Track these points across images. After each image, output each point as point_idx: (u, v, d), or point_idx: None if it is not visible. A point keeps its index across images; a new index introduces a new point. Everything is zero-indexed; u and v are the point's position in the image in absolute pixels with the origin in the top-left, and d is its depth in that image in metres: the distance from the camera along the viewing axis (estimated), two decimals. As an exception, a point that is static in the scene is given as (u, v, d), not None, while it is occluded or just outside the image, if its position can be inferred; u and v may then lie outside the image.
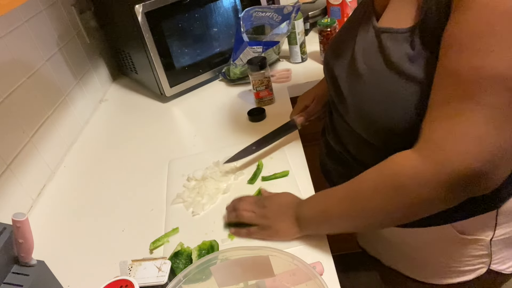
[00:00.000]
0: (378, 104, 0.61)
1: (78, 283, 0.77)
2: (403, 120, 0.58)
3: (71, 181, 1.09)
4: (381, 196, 0.58)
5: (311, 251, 0.71)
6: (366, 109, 0.63)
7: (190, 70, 1.34)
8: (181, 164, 1.02)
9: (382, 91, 0.60)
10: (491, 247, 0.69)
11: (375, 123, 0.62)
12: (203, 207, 0.86)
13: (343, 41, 0.73)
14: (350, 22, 0.76)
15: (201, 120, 1.21)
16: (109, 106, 1.43)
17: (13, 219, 0.56)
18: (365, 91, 0.63)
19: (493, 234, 0.68)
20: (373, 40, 0.63)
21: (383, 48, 0.60)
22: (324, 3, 1.49)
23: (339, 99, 0.71)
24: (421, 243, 0.73)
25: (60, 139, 1.17)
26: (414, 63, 0.56)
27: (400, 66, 0.57)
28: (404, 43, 0.57)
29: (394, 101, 0.58)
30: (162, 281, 0.65)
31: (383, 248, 0.84)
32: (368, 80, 0.62)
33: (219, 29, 1.36)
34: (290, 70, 1.33)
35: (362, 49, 0.65)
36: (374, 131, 0.64)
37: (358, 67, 0.64)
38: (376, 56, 0.61)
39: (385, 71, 0.59)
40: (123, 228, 0.88)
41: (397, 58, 0.57)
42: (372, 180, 0.59)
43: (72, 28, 1.35)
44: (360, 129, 0.67)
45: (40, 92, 1.11)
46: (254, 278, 0.61)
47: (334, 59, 0.74)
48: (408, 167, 0.54)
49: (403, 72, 0.57)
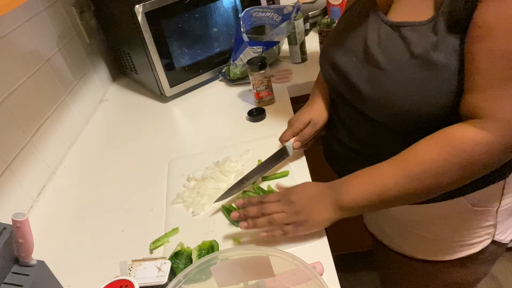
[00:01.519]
0: (407, 94, 0.62)
1: (78, 283, 0.77)
2: (434, 106, 0.61)
3: (71, 181, 1.09)
4: (449, 175, 0.60)
5: (311, 251, 0.71)
6: (393, 99, 0.64)
7: (190, 70, 1.34)
8: (181, 164, 1.02)
9: (410, 82, 0.62)
10: (497, 217, 0.73)
11: (404, 112, 0.64)
12: (203, 207, 0.86)
13: (348, 37, 0.74)
14: (348, 19, 0.76)
15: (201, 120, 1.21)
16: (109, 106, 1.43)
17: (13, 219, 0.56)
18: (390, 83, 0.64)
19: (499, 204, 0.72)
20: (391, 34, 0.64)
21: (406, 40, 0.62)
22: (324, 3, 1.49)
23: (352, 93, 0.72)
24: (433, 219, 0.75)
25: (60, 139, 1.17)
26: (441, 51, 0.59)
27: (427, 55, 0.60)
28: (428, 33, 0.59)
29: (425, 90, 0.61)
30: (162, 281, 0.65)
31: (392, 229, 0.84)
32: (392, 72, 0.64)
33: (219, 29, 1.36)
34: (290, 70, 1.33)
35: (377, 43, 0.66)
36: (402, 120, 0.65)
37: (378, 61, 0.65)
38: (398, 49, 0.63)
39: (410, 62, 0.61)
40: (123, 228, 0.88)
41: (422, 48, 0.60)
42: (438, 160, 0.60)
43: (72, 28, 1.35)
44: (383, 118, 0.68)
45: (40, 92, 1.11)
46: (254, 278, 0.61)
47: (339, 55, 0.75)
48: (484, 146, 0.57)
49: (431, 61, 0.59)
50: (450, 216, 0.74)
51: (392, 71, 0.64)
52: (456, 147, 0.58)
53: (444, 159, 0.59)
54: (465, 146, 0.57)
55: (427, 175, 0.61)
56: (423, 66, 0.60)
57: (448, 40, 0.58)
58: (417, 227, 0.78)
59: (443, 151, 0.59)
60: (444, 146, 0.59)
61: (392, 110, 0.65)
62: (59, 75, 1.22)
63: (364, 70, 0.69)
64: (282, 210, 0.70)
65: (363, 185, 0.66)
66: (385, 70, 0.64)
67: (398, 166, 0.63)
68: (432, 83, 0.60)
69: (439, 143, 0.60)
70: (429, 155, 0.60)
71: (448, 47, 0.58)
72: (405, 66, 0.62)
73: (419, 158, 0.61)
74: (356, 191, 0.66)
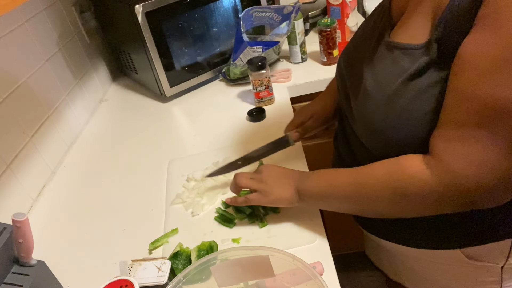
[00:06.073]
0: (389, 120, 0.60)
1: (78, 283, 0.77)
2: (412, 135, 0.58)
3: (71, 181, 1.09)
4: (387, 197, 0.60)
5: (311, 251, 0.71)
6: (371, 120, 0.62)
7: (190, 70, 1.34)
8: (180, 164, 1.02)
9: (394, 108, 0.58)
10: (502, 274, 0.68)
11: (383, 138, 0.62)
12: (203, 208, 0.86)
13: (357, 48, 0.72)
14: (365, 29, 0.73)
15: (201, 120, 1.21)
16: (109, 106, 1.43)
17: (13, 219, 0.56)
18: (373, 107, 0.61)
19: (506, 261, 0.67)
20: (384, 54, 0.61)
21: (395, 64, 0.58)
22: (324, 3, 1.49)
23: (350, 112, 0.70)
24: (427, 262, 0.73)
25: (60, 139, 1.17)
26: (425, 79, 0.55)
27: (409, 82, 0.56)
28: (418, 59, 0.55)
29: (408, 117, 0.57)
30: (162, 281, 0.65)
31: (388, 260, 0.84)
32: (376, 97, 0.61)
33: (219, 29, 1.36)
34: (290, 70, 1.33)
35: (371, 62, 0.63)
36: (382, 146, 0.63)
37: (366, 83, 0.63)
38: (385, 71, 0.60)
39: (394, 86, 0.58)
40: (123, 228, 0.88)
41: (408, 74, 0.56)
42: (381, 180, 0.60)
43: (72, 28, 1.34)
44: (367, 143, 0.67)
45: (40, 92, 1.11)
46: (254, 278, 0.61)
47: (347, 70, 0.73)
48: (418, 180, 0.56)
49: (412, 89, 0.56)
50: (444, 263, 0.71)
51: (375, 95, 0.61)
52: (397, 173, 0.58)
53: (384, 180, 0.60)
54: (404, 176, 0.57)
55: (365, 187, 0.62)
56: (404, 91, 0.57)
57: (434, 68, 0.54)
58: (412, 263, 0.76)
59: (387, 173, 0.60)
60: (390, 169, 0.59)
61: (371, 131, 0.64)
62: (59, 75, 1.22)
63: (357, 91, 0.67)
64: (251, 177, 0.76)
65: (320, 179, 0.70)
66: (369, 90, 0.62)
67: (352, 173, 0.66)
68: (415, 111, 0.57)
69: (389, 165, 0.60)
70: (375, 172, 0.61)
71: (432, 75, 0.54)
72: (386, 92, 0.59)
73: (367, 171, 0.63)
74: (313, 182, 0.71)
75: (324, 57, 1.31)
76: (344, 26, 1.34)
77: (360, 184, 0.63)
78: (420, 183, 0.56)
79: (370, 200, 0.63)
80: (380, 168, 0.61)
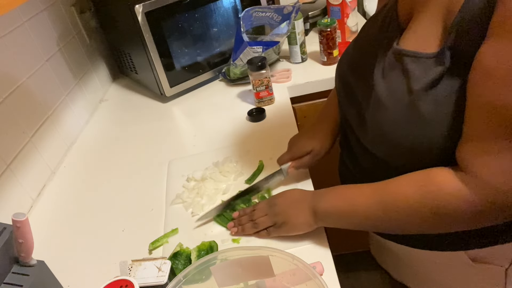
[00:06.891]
0: (402, 131, 0.58)
1: (78, 283, 0.77)
2: (431, 143, 0.57)
3: (71, 181, 1.09)
4: (420, 216, 0.58)
5: (311, 251, 0.71)
6: (387, 134, 0.60)
7: (190, 70, 1.34)
8: (180, 164, 1.02)
9: (408, 117, 0.57)
10: (506, 277, 0.68)
11: (400, 148, 0.60)
12: (203, 208, 0.86)
13: (362, 57, 0.69)
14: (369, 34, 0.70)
15: (201, 120, 1.21)
16: (109, 106, 1.43)
17: (13, 219, 0.56)
18: (390, 118, 0.59)
19: (510, 264, 0.66)
20: (393, 64, 0.59)
21: (407, 74, 0.56)
22: (324, 3, 1.49)
23: (359, 121, 0.68)
24: (432, 263, 0.72)
25: (60, 139, 1.17)
26: (440, 90, 0.53)
27: (424, 93, 0.54)
28: (432, 68, 0.53)
29: (423, 126, 0.56)
30: (162, 281, 0.65)
31: (392, 262, 0.83)
32: (390, 106, 0.59)
33: (219, 29, 1.36)
34: (290, 70, 1.33)
35: (381, 73, 0.61)
36: (397, 155, 0.62)
37: (379, 93, 0.61)
38: (398, 83, 0.58)
39: (408, 98, 0.56)
40: (123, 228, 0.88)
41: (421, 84, 0.54)
42: (412, 199, 0.58)
43: (72, 28, 1.35)
44: (379, 153, 0.65)
45: (40, 92, 1.11)
46: (254, 278, 0.61)
47: (353, 77, 0.70)
48: (457, 199, 0.54)
49: (427, 100, 0.54)
50: (448, 265, 0.70)
51: (389, 105, 0.59)
52: (432, 191, 0.56)
53: (417, 200, 0.57)
54: (441, 194, 0.55)
55: (396, 208, 0.60)
56: (419, 104, 0.55)
57: (448, 76, 0.52)
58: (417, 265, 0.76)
59: (419, 191, 0.58)
60: (421, 186, 0.57)
61: (388, 141, 0.62)
62: (59, 75, 1.22)
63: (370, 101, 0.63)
64: (266, 213, 0.75)
65: (337, 198, 0.68)
66: (383, 100, 0.60)
67: (375, 191, 0.63)
68: (430, 120, 0.55)
69: (418, 181, 0.58)
70: (405, 190, 0.59)
71: (447, 87, 0.53)
72: (401, 102, 0.57)
73: (394, 190, 0.61)
74: (330, 202, 0.68)
75: (324, 57, 1.31)
76: (344, 26, 1.34)
77: (388, 204, 0.61)
78: (459, 201, 0.54)
79: (400, 219, 0.60)
80: (409, 185, 0.59)
